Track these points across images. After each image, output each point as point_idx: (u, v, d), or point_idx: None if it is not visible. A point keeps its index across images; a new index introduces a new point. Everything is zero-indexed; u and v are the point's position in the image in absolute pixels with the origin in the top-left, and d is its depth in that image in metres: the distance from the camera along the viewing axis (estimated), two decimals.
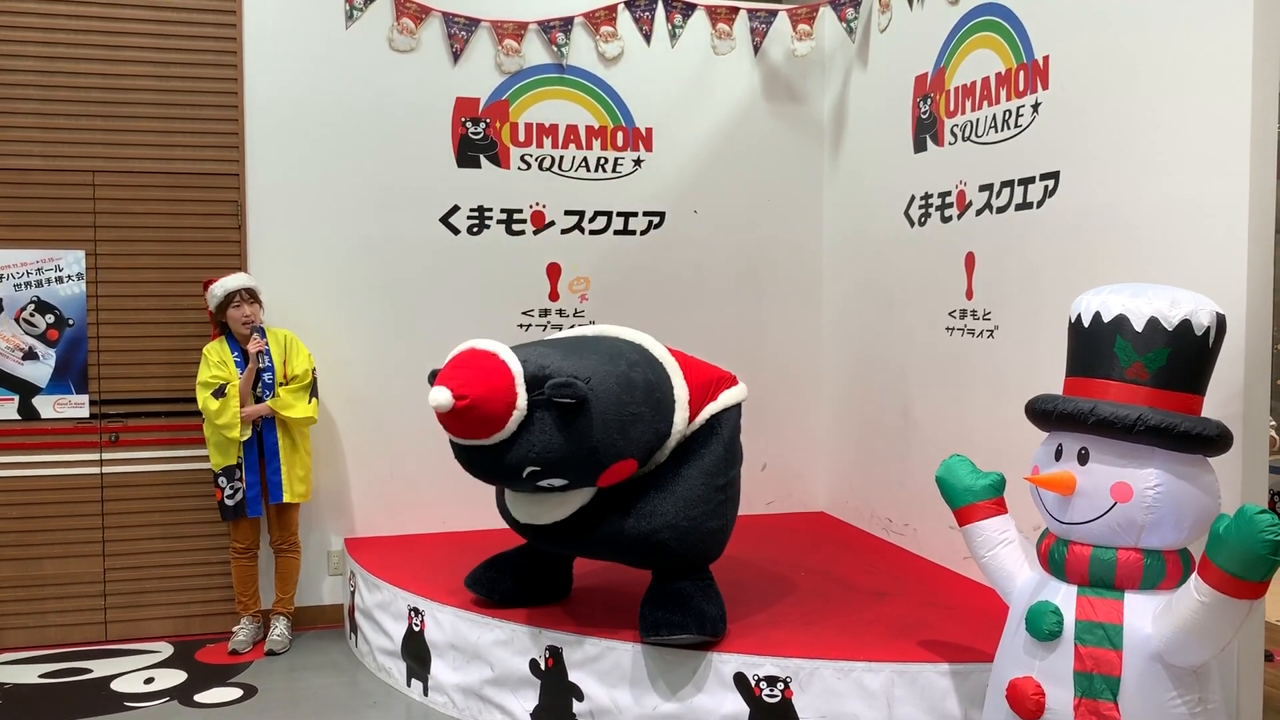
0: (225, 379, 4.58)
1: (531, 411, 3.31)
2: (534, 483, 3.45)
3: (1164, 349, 2.63)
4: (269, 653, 4.71)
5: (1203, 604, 2.49)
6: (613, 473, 3.51)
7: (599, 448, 3.40)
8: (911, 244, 4.79)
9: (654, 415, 3.59)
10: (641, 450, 3.57)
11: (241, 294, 4.65)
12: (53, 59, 4.72)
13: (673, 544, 3.61)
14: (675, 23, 5.30)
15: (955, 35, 4.42)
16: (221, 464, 4.63)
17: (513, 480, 3.47)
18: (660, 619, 3.55)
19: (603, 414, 3.39)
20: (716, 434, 3.78)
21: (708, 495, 3.68)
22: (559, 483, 3.47)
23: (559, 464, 3.38)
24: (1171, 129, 3.29)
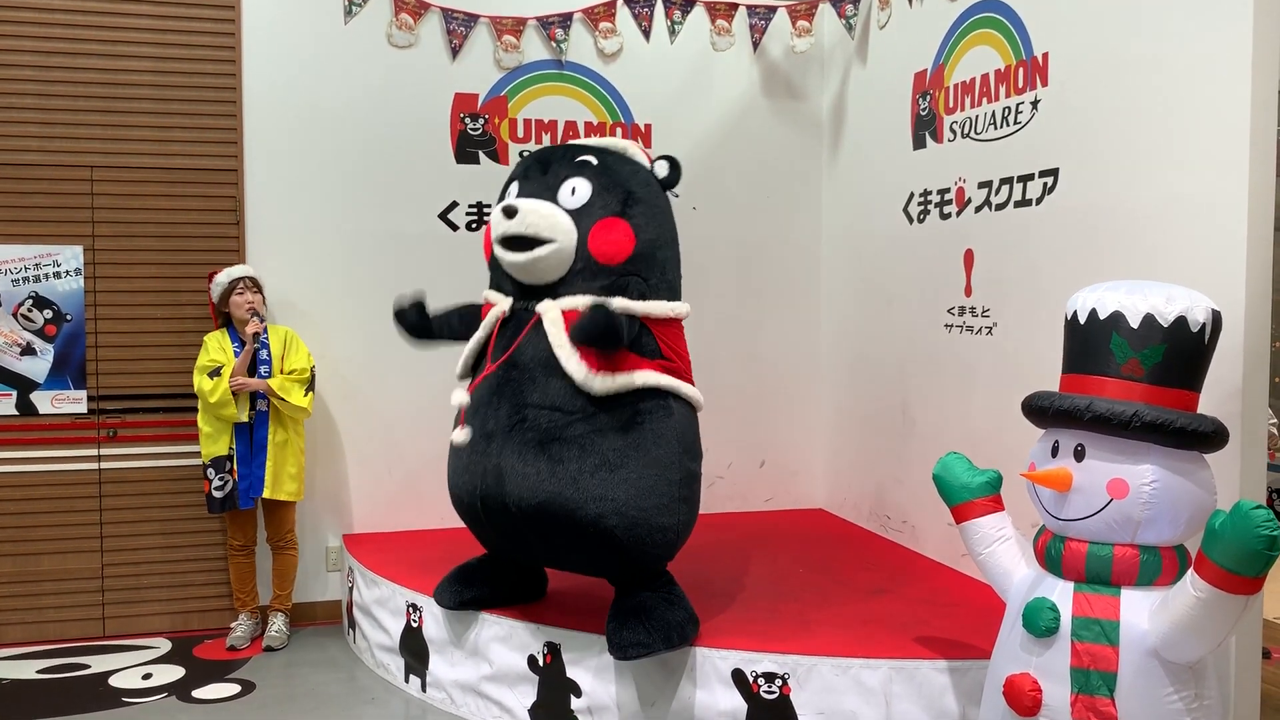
0: (222, 362, 4.59)
1: (635, 162, 3.74)
2: (573, 169, 3.63)
3: (1160, 345, 2.63)
4: (267, 649, 4.71)
5: (1199, 600, 2.49)
6: (613, 226, 3.56)
7: (636, 200, 3.62)
8: (910, 241, 4.79)
9: (665, 266, 3.73)
10: (639, 251, 3.60)
11: (245, 281, 4.68)
12: (51, 54, 4.72)
13: (619, 533, 3.47)
14: (674, 19, 5.30)
15: (954, 32, 4.42)
16: (211, 454, 4.63)
17: (563, 153, 3.71)
18: (626, 640, 3.47)
19: (661, 203, 3.73)
20: (669, 421, 3.58)
21: (660, 487, 3.52)
22: (582, 190, 3.58)
23: (604, 171, 3.62)
24: (1171, 126, 3.29)
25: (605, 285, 3.58)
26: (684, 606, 3.65)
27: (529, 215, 3.52)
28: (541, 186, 3.65)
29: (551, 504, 3.47)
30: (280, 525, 4.81)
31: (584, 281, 3.59)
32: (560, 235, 3.54)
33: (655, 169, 3.76)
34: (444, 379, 5.17)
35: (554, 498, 3.47)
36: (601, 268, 3.57)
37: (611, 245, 3.56)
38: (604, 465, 3.48)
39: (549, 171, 3.68)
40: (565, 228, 3.55)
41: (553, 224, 3.53)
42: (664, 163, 3.76)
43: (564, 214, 3.56)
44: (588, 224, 3.56)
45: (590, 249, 3.56)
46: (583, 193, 3.58)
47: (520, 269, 3.63)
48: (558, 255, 3.55)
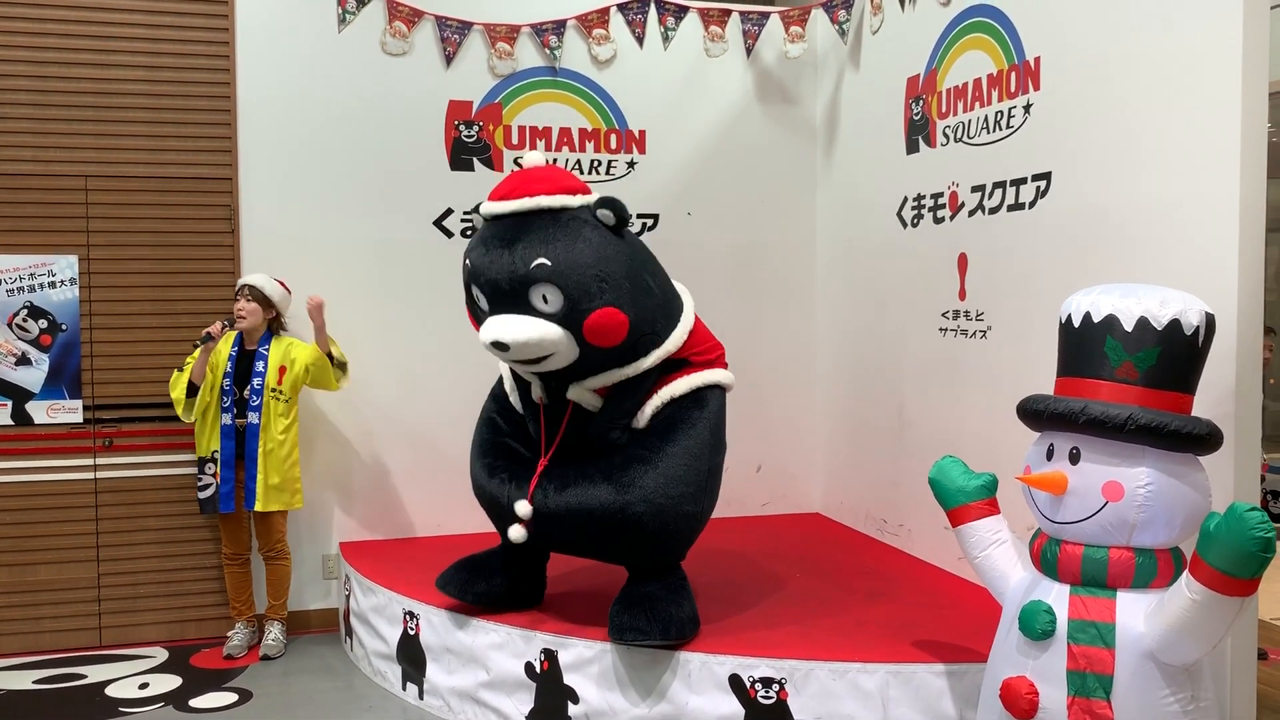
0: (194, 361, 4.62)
1: (576, 214, 3.55)
2: (532, 279, 3.45)
3: (1154, 348, 2.64)
4: (264, 657, 4.70)
5: (1194, 602, 2.50)
6: (602, 317, 3.46)
7: (607, 278, 3.46)
8: (904, 245, 4.80)
9: (661, 305, 3.72)
10: (635, 319, 3.54)
11: (245, 289, 4.68)
12: (44, 64, 4.72)
13: (647, 520, 3.55)
14: (668, 25, 5.31)
15: (947, 37, 4.44)
16: (199, 454, 4.68)
17: (511, 258, 3.49)
18: (626, 624, 3.56)
19: (626, 258, 3.56)
20: (703, 412, 3.74)
21: (689, 477, 3.63)
22: (554, 297, 3.45)
23: (567, 271, 3.43)
24: (1163, 129, 3.30)
25: (620, 353, 3.63)
26: (689, 605, 3.70)
27: (520, 349, 3.48)
28: (511, 299, 3.52)
29: (584, 496, 3.60)
30: (269, 535, 4.79)
31: (598, 361, 3.62)
32: (558, 346, 3.51)
33: (601, 219, 3.58)
34: (440, 385, 5.20)
35: (587, 491, 3.60)
36: (609, 351, 3.58)
37: (608, 335, 3.51)
38: (637, 458, 3.62)
39: (509, 286, 3.50)
40: (558, 339, 3.50)
41: (545, 343, 3.49)
42: (607, 212, 3.57)
43: (550, 326, 3.48)
44: (577, 322, 3.48)
45: (590, 343, 3.52)
46: (555, 299, 3.46)
47: (535, 372, 3.72)
48: (563, 358, 3.56)
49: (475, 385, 5.21)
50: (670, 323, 3.77)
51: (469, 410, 5.21)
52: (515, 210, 3.58)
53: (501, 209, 3.61)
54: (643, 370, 3.69)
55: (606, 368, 3.66)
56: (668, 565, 3.84)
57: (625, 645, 3.59)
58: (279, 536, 4.82)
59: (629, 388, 3.71)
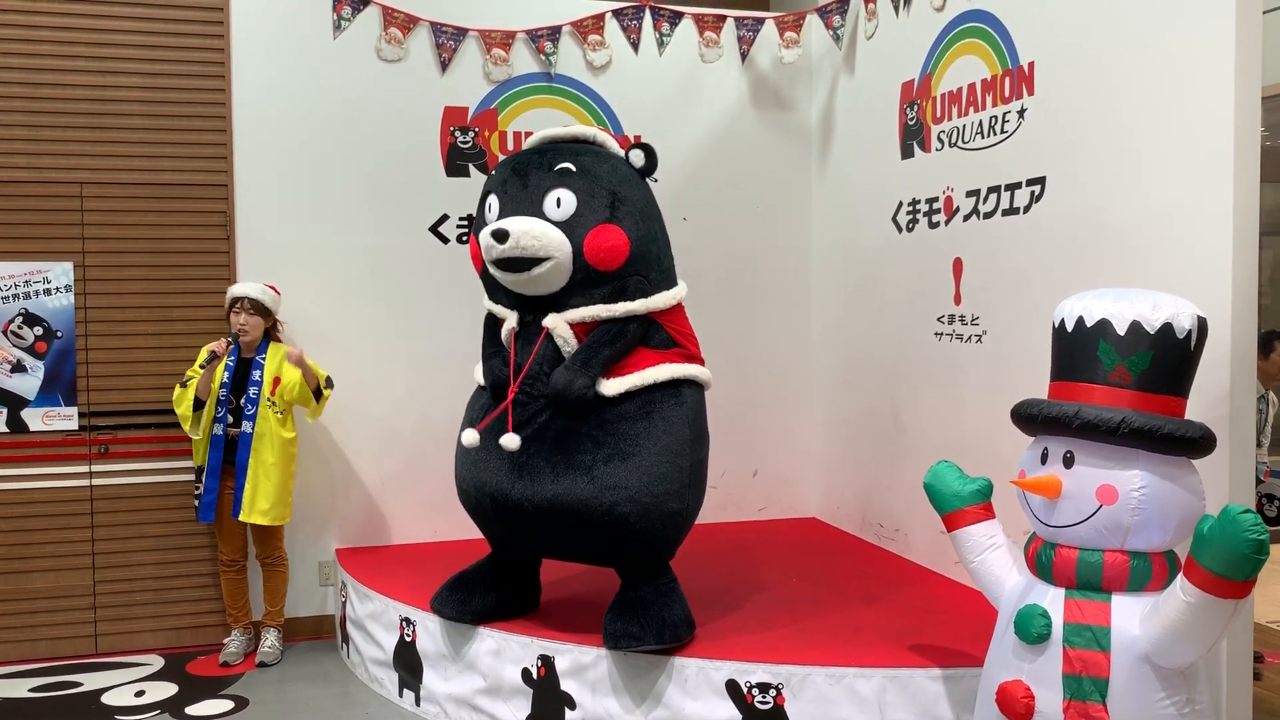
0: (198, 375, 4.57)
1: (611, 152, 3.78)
2: (551, 183, 3.59)
3: (1146, 352, 2.65)
4: (260, 664, 4.70)
5: (1189, 604, 2.50)
6: (607, 233, 3.55)
7: (622, 201, 3.61)
8: (900, 250, 4.81)
9: (659, 259, 3.77)
10: (635, 251, 3.62)
11: (243, 302, 4.65)
12: (39, 70, 4.72)
13: (633, 520, 3.53)
14: (663, 31, 5.32)
15: (941, 42, 4.45)
16: (197, 462, 4.67)
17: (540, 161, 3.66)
18: (620, 630, 3.56)
19: (644, 195, 3.73)
20: (681, 409, 3.69)
21: (671, 474, 3.60)
22: (568, 201, 3.55)
23: (586, 180, 3.59)
24: (1156, 134, 3.31)
25: (607, 290, 3.63)
26: (681, 607, 3.71)
27: (521, 238, 3.50)
28: (524, 200, 3.62)
29: (566, 495, 3.54)
30: (267, 544, 4.79)
31: (586, 289, 3.63)
32: (555, 251, 3.54)
33: (631, 158, 3.77)
34: (436, 391, 5.20)
35: (568, 489, 3.53)
36: (601, 274, 3.60)
37: (608, 253, 3.57)
38: (616, 455, 3.55)
39: (529, 183, 3.64)
40: (558, 243, 3.53)
41: (546, 242, 3.52)
42: (639, 152, 3.76)
43: (554, 229, 3.54)
44: (580, 234, 3.55)
45: (587, 259, 3.56)
46: (568, 203, 3.56)
47: (520, 286, 3.65)
48: (555, 270, 3.57)
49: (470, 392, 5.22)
50: (663, 284, 3.77)
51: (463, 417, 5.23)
52: (558, 137, 3.82)
53: (548, 135, 3.84)
54: (625, 313, 3.64)
55: (591, 301, 3.63)
56: (657, 567, 3.81)
57: (621, 652, 3.59)
58: (277, 543, 4.82)
59: (607, 333, 3.64)
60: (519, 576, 4.03)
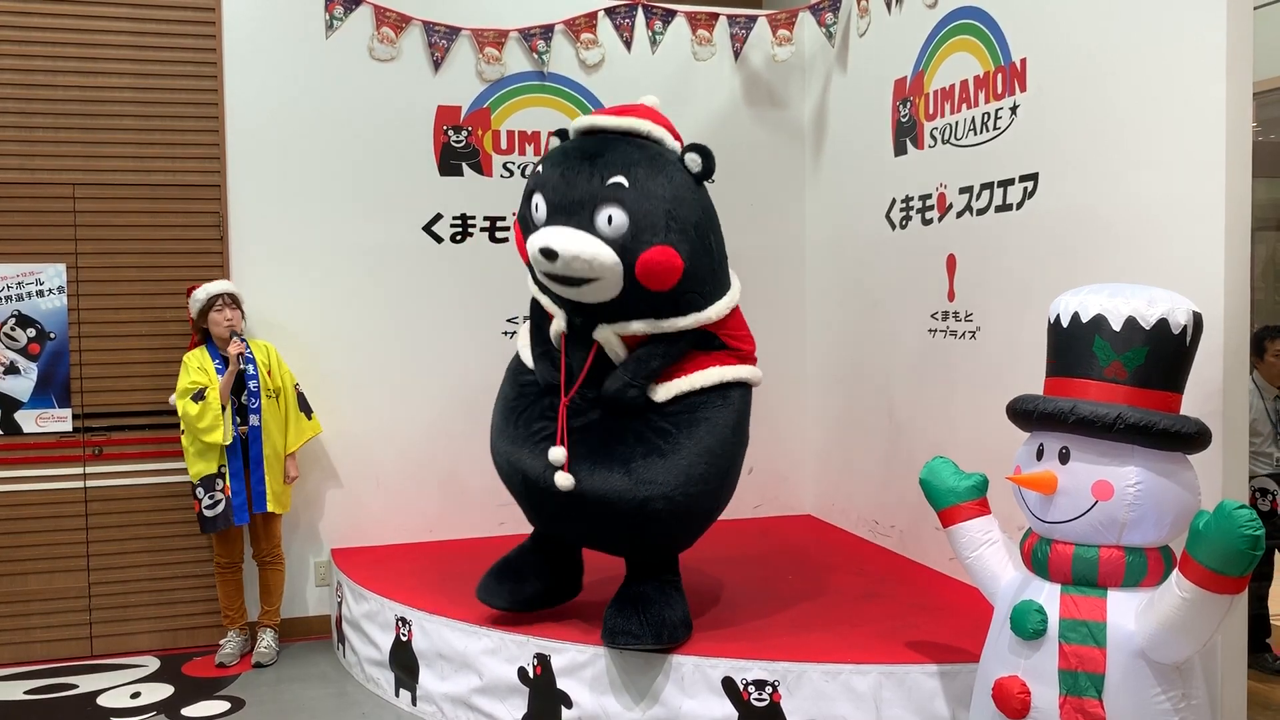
0: (205, 384, 4.55)
1: (665, 151, 3.56)
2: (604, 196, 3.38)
3: (1142, 348, 2.65)
4: (256, 665, 4.69)
5: (1184, 600, 2.51)
6: (660, 255, 3.37)
7: (676, 219, 3.42)
8: (893, 246, 4.81)
9: (714, 271, 3.66)
10: (689, 270, 3.46)
11: (224, 298, 4.65)
12: (31, 72, 4.71)
13: (664, 515, 3.51)
14: (656, 29, 5.32)
15: (933, 39, 4.45)
16: (201, 473, 4.57)
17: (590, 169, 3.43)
18: (618, 627, 3.57)
19: (700, 209, 3.55)
20: (728, 411, 3.66)
21: (709, 476, 3.58)
22: (619, 220, 3.35)
23: (641, 198, 3.38)
24: (1148, 129, 3.32)
25: (657, 309, 3.55)
26: (681, 608, 3.70)
27: (571, 262, 3.35)
28: (573, 209, 3.42)
29: (600, 486, 3.52)
30: (269, 539, 4.80)
31: (638, 301, 3.51)
32: (606, 272, 3.39)
33: (687, 163, 3.58)
34: (431, 390, 5.20)
35: (603, 480, 3.51)
36: (654, 294, 3.49)
37: (661, 275, 3.42)
38: (656, 452, 3.53)
39: (577, 191, 3.43)
40: (609, 264, 3.38)
41: (596, 264, 3.37)
42: (695, 156, 3.57)
43: (605, 248, 3.37)
44: (631, 255, 3.38)
45: (639, 280, 3.42)
46: (620, 221, 3.37)
47: (570, 295, 3.55)
48: (604, 287, 3.45)
49: (466, 391, 5.23)
50: (717, 293, 3.68)
51: (460, 416, 5.24)
52: (608, 127, 3.60)
53: (594, 123, 3.63)
54: (677, 329, 3.58)
55: (643, 315, 3.54)
56: (665, 562, 3.82)
57: (618, 649, 3.60)
58: (277, 541, 4.82)
59: (658, 346, 3.60)
60: (564, 559, 3.98)
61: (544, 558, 3.97)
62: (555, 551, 3.97)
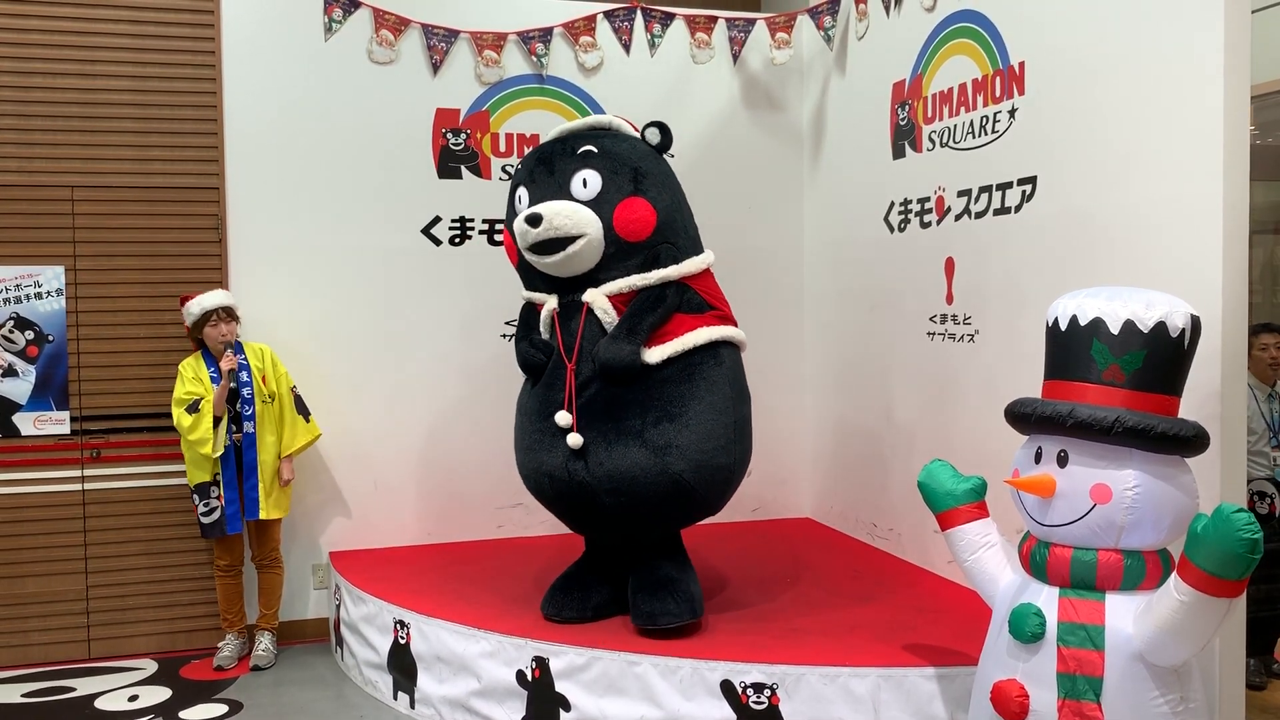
0: (199, 395, 4.55)
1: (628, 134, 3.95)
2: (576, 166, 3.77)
3: (1140, 351, 2.65)
4: (254, 668, 4.69)
5: (1183, 603, 2.51)
6: (633, 206, 3.74)
7: (644, 174, 3.80)
8: (891, 250, 4.82)
9: (685, 227, 3.96)
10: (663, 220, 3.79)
11: (219, 313, 4.63)
12: (29, 74, 4.71)
13: (688, 476, 3.71)
14: (654, 32, 5.32)
15: (932, 42, 4.45)
16: (197, 480, 4.59)
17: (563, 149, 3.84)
18: (656, 609, 3.75)
19: (664, 170, 3.91)
20: (721, 368, 3.85)
21: (718, 430, 3.78)
22: (593, 181, 3.74)
23: (609, 158, 3.78)
24: (1146, 132, 3.32)
25: (639, 261, 3.80)
26: (696, 581, 3.96)
27: (554, 219, 3.68)
28: (552, 186, 3.80)
29: (621, 463, 3.70)
30: (267, 543, 4.79)
31: (619, 262, 3.79)
32: (587, 228, 3.71)
33: (647, 136, 3.96)
34: (429, 394, 5.20)
35: (623, 456, 3.69)
36: (632, 245, 3.78)
37: (636, 224, 3.75)
38: (665, 416, 3.72)
39: (554, 170, 3.82)
40: (590, 220, 3.71)
41: (578, 220, 3.70)
42: (654, 130, 3.95)
43: (584, 208, 3.72)
44: (608, 210, 3.74)
45: (618, 232, 3.75)
46: (594, 183, 3.75)
47: (557, 268, 3.80)
48: (589, 247, 3.73)
49: (464, 394, 5.24)
50: (691, 250, 3.94)
51: (458, 419, 5.24)
52: (576, 128, 4.01)
53: (565, 126, 4.03)
54: (660, 279, 3.79)
55: (626, 273, 3.78)
56: (673, 539, 4.04)
57: (658, 629, 3.73)
58: (275, 544, 4.82)
59: (646, 301, 3.79)
60: (619, 569, 4.06)
61: (602, 566, 4.08)
62: (609, 562, 4.07)
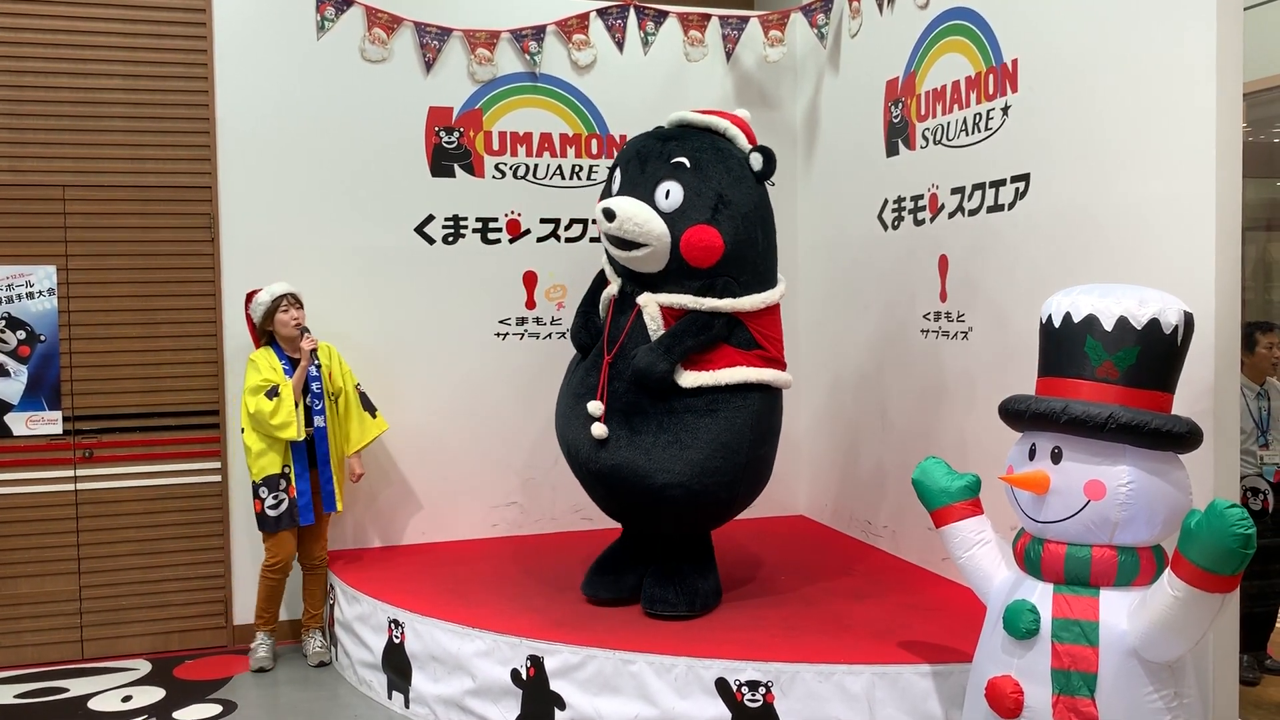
0: (277, 381, 4.54)
1: (733, 149, 3.98)
2: (665, 174, 3.85)
3: (1133, 348, 2.66)
4: (319, 664, 4.70)
5: (1176, 599, 2.52)
6: (703, 233, 3.77)
7: (726, 203, 3.83)
8: (885, 247, 4.82)
9: (755, 264, 3.96)
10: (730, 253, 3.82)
11: (288, 298, 4.64)
12: (21, 73, 4.69)
13: (682, 502, 3.81)
14: (647, 30, 5.32)
15: (925, 39, 4.46)
16: (265, 471, 4.54)
17: (661, 149, 3.92)
18: (657, 596, 3.94)
19: (752, 201, 3.93)
20: (745, 411, 3.87)
21: (724, 469, 3.84)
22: (675, 195, 3.80)
23: (696, 178, 3.83)
24: (1140, 130, 3.33)
25: (698, 285, 3.87)
26: (714, 578, 4.10)
27: (625, 222, 3.77)
28: (640, 184, 3.89)
29: (624, 468, 3.83)
30: (319, 542, 4.77)
31: (679, 279, 3.88)
32: (654, 240, 3.79)
33: (750, 161, 3.96)
34: (422, 393, 5.19)
35: (627, 463, 3.82)
36: (693, 269, 3.83)
37: (702, 251, 3.80)
38: (676, 443, 3.81)
39: (646, 168, 3.90)
40: (658, 233, 3.79)
41: (646, 230, 3.78)
42: (758, 156, 3.96)
43: (657, 218, 3.79)
44: (680, 228, 3.80)
45: (682, 253, 3.81)
46: (676, 196, 3.82)
47: (629, 263, 3.92)
48: (654, 256, 3.83)
49: (457, 393, 5.23)
50: (756, 286, 3.96)
51: (452, 418, 5.24)
52: (692, 121, 4.06)
53: (683, 118, 4.08)
54: (709, 310, 3.84)
55: (682, 290, 3.86)
56: (700, 537, 4.14)
57: (656, 615, 3.91)
58: (325, 544, 4.81)
59: (693, 325, 3.85)
60: (653, 554, 4.16)
61: (637, 549, 4.20)
62: (643, 547, 4.19)
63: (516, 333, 5.33)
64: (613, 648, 3.64)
